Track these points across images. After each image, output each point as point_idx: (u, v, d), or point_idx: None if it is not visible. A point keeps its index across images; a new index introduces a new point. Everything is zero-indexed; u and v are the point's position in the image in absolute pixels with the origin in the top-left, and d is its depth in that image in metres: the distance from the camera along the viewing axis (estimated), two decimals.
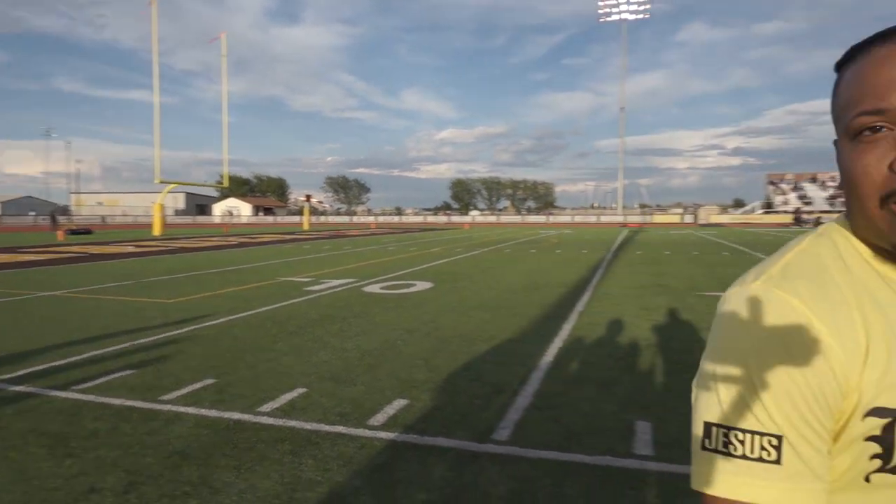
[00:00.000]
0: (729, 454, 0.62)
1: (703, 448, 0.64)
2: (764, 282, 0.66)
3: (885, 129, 0.61)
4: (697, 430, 0.66)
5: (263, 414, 3.94)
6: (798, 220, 53.46)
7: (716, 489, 0.62)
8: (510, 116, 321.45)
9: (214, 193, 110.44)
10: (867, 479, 0.63)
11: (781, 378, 0.61)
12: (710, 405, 0.65)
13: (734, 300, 0.67)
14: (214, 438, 3.52)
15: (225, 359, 5.39)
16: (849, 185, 0.65)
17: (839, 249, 0.68)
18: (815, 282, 0.65)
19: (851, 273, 0.66)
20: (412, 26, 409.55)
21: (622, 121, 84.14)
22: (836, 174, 0.71)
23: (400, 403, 4.13)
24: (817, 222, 51.87)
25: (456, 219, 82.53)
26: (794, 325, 0.62)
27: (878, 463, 0.62)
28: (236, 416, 3.90)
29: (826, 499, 0.61)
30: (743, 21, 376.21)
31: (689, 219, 65.50)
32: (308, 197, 57.25)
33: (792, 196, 70.50)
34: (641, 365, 5.14)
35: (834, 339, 0.61)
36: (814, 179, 74.21)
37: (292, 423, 3.78)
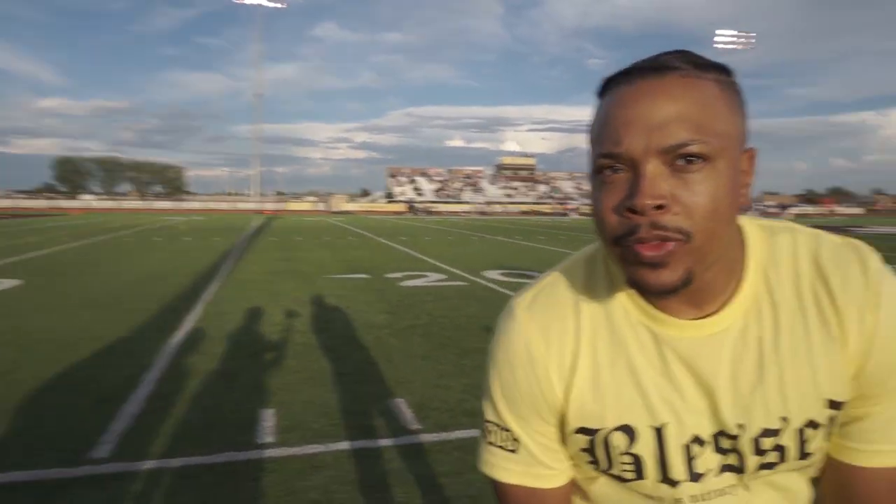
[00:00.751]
0: (487, 441, 0.78)
1: (481, 432, 0.79)
2: (518, 304, 0.76)
3: (621, 171, 0.62)
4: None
5: None
6: (412, 209, 61.04)
7: (480, 466, 0.79)
8: (134, 91, 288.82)
9: None
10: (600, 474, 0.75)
11: (510, 389, 0.74)
12: (484, 399, 0.78)
13: (503, 314, 0.78)
14: None
15: None
16: (594, 220, 0.66)
17: (593, 276, 0.74)
18: (551, 313, 0.73)
19: (593, 307, 0.73)
20: None
21: (258, 107, 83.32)
22: (441, 170, 0.68)
23: None
24: (428, 211, 60.07)
25: (63, 203, 69.91)
26: (524, 348, 0.73)
27: (593, 466, 0.74)
28: None
29: (559, 480, 0.76)
30: (370, 27, 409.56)
31: (321, 206, 68.62)
32: None
33: (408, 188, 79.88)
34: (268, 352, 5.10)
35: (551, 365, 0.72)
36: (424, 174, 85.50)
37: None
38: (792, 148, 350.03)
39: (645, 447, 0.69)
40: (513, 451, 0.75)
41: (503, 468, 0.76)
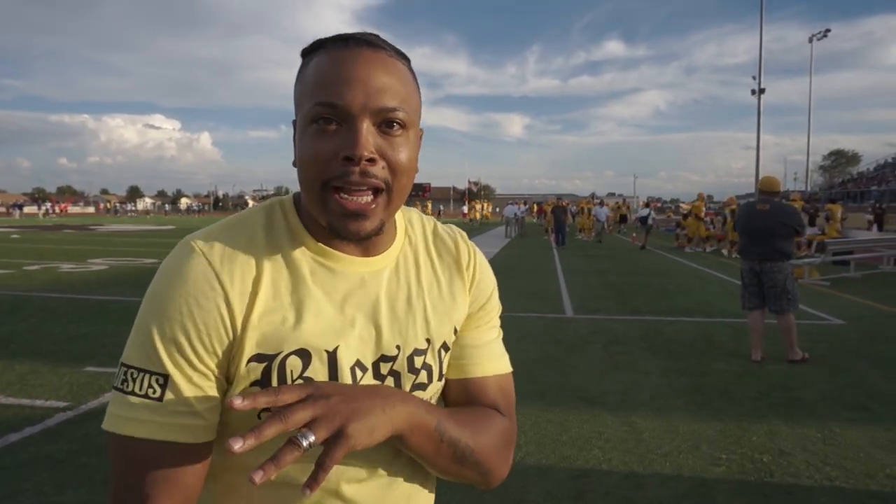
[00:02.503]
0: (123, 391, 0.69)
1: (113, 386, 0.71)
2: (194, 241, 0.74)
3: (333, 123, 0.70)
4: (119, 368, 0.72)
5: None
6: None
7: (106, 424, 0.69)
8: None
9: None
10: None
11: (181, 325, 0.69)
12: (128, 344, 0.72)
13: (177, 253, 0.74)
14: None
15: None
16: (301, 166, 0.72)
17: (272, 221, 0.79)
18: (233, 246, 0.74)
19: (274, 244, 0.77)
20: None
21: None
22: None
23: None
24: None
25: None
26: (199, 277, 0.71)
27: None
28: None
29: (205, 435, 0.71)
30: None
31: None
32: None
33: None
34: None
35: (231, 294, 0.71)
36: None
37: None
38: (14, 143, 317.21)
39: (318, 371, 0.74)
40: (157, 398, 0.69)
41: (141, 420, 0.68)
